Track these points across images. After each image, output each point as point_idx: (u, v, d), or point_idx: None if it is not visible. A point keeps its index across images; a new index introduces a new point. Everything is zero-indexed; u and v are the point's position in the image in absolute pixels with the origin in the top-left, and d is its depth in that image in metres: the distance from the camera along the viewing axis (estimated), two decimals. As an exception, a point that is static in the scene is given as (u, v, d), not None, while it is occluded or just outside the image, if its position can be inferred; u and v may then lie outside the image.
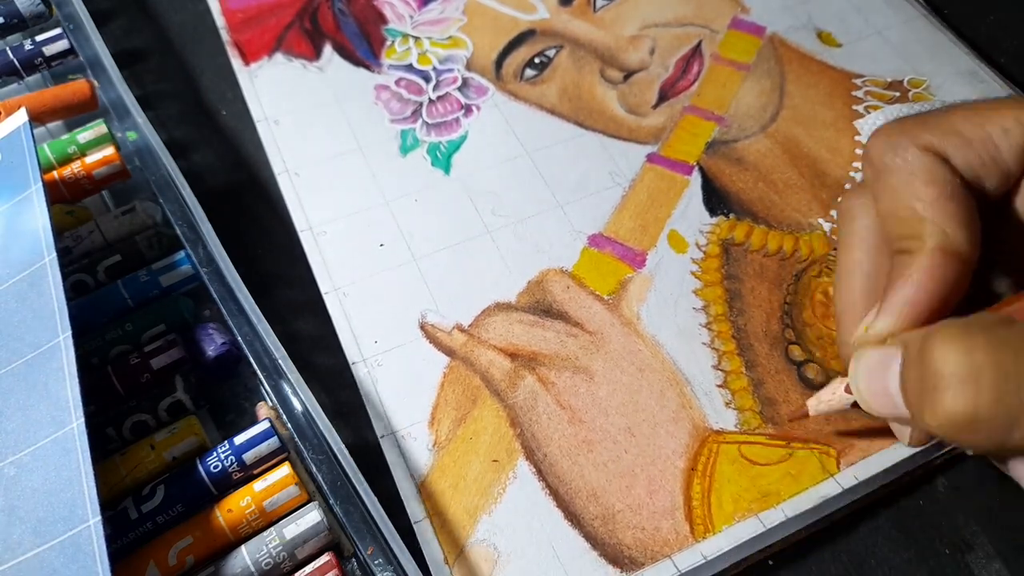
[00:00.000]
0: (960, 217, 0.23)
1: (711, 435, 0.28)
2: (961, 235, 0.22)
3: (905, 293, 0.23)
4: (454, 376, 0.30)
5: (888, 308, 0.23)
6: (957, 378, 0.19)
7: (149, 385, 0.28)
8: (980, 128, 0.23)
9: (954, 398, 0.19)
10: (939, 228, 0.22)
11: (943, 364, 0.20)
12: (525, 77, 0.38)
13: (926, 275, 0.22)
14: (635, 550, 0.26)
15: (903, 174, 0.23)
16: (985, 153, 0.23)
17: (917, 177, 0.23)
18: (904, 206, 0.23)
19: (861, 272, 0.26)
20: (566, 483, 0.27)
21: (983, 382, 0.19)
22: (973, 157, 0.23)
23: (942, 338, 0.20)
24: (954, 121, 0.24)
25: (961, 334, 0.20)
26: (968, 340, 0.20)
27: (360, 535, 0.24)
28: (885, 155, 0.24)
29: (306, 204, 0.34)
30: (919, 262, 0.23)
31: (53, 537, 0.22)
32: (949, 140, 0.23)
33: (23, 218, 0.28)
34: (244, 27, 0.40)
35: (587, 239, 0.33)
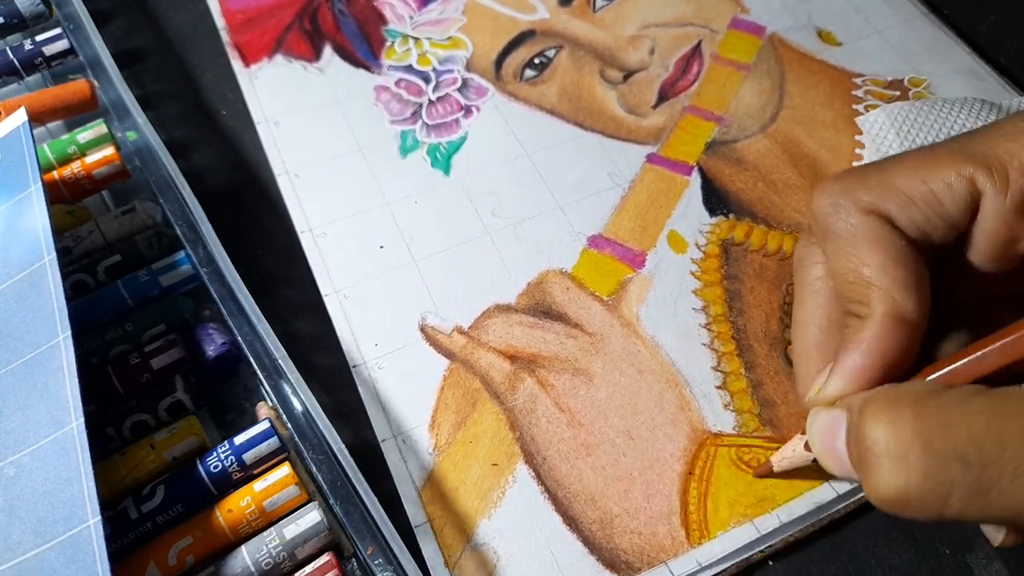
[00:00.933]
0: (907, 282, 0.22)
1: (709, 438, 0.28)
2: (909, 300, 0.22)
3: (854, 358, 0.22)
4: (454, 379, 0.30)
5: (838, 372, 0.23)
6: (886, 457, 0.19)
7: (149, 385, 0.28)
8: (922, 185, 0.23)
9: (884, 477, 0.19)
10: (887, 294, 0.22)
11: (873, 442, 0.20)
12: (525, 77, 0.38)
13: (875, 342, 0.22)
14: (632, 555, 0.26)
15: (847, 238, 0.23)
16: (929, 210, 0.23)
17: (862, 241, 0.23)
18: (851, 270, 0.23)
19: (815, 324, 0.26)
20: (565, 487, 0.27)
21: (911, 460, 0.19)
22: (918, 215, 0.23)
23: (871, 413, 0.20)
24: (895, 179, 0.23)
25: (888, 409, 0.20)
26: (894, 416, 0.20)
27: (360, 535, 0.24)
28: (829, 217, 0.24)
29: (306, 205, 0.34)
30: (868, 328, 0.22)
31: (53, 537, 0.22)
32: (891, 200, 0.23)
33: (23, 218, 0.28)
34: (244, 28, 0.40)
35: (587, 240, 0.33)
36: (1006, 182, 0.22)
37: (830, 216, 0.24)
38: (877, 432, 0.20)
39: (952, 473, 0.18)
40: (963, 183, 0.22)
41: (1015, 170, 0.22)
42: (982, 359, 0.21)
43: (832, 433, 0.22)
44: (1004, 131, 0.23)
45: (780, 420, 0.29)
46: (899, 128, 0.34)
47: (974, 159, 0.23)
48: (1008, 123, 0.23)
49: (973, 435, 0.18)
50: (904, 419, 0.19)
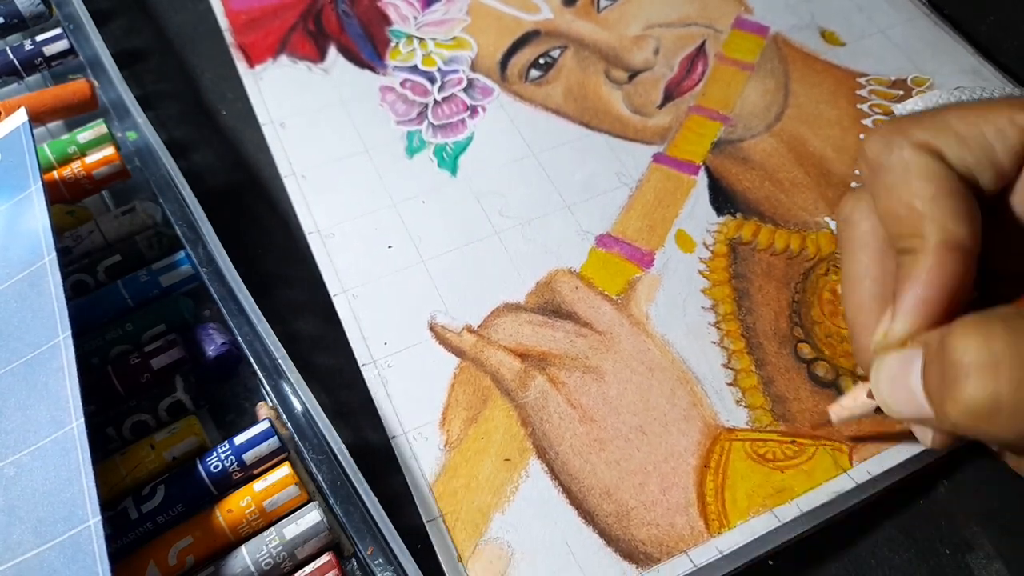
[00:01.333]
0: (960, 212, 0.23)
1: (723, 432, 0.28)
2: (962, 229, 0.22)
3: (916, 292, 0.23)
4: (464, 377, 0.29)
5: (903, 310, 0.23)
6: (976, 367, 0.20)
7: (149, 385, 0.28)
8: (975, 127, 0.23)
9: (975, 387, 0.20)
10: (940, 224, 0.22)
11: (962, 354, 0.20)
12: (530, 78, 0.38)
13: (933, 272, 0.22)
14: (650, 546, 0.26)
15: (899, 172, 0.23)
16: (980, 152, 0.23)
17: (914, 174, 0.23)
18: (903, 204, 0.23)
19: (869, 277, 0.26)
20: (579, 481, 0.27)
21: (1002, 370, 0.19)
22: (968, 155, 0.23)
23: (961, 330, 0.20)
24: (949, 120, 0.24)
25: (979, 325, 0.20)
26: (986, 330, 0.20)
27: (360, 535, 0.24)
28: (881, 154, 0.24)
29: (313, 207, 0.34)
30: (924, 260, 0.22)
31: (53, 537, 0.22)
32: (944, 138, 0.23)
33: (23, 218, 0.28)
34: (248, 29, 0.40)
35: (595, 239, 0.33)
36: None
37: (882, 152, 0.24)
38: (968, 344, 0.20)
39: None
40: (1016, 131, 0.23)
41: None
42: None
43: (904, 372, 0.22)
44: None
45: (793, 416, 0.29)
46: None
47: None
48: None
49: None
50: (995, 332, 0.20)
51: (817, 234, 0.33)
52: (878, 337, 0.24)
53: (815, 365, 0.30)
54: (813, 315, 0.31)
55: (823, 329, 0.31)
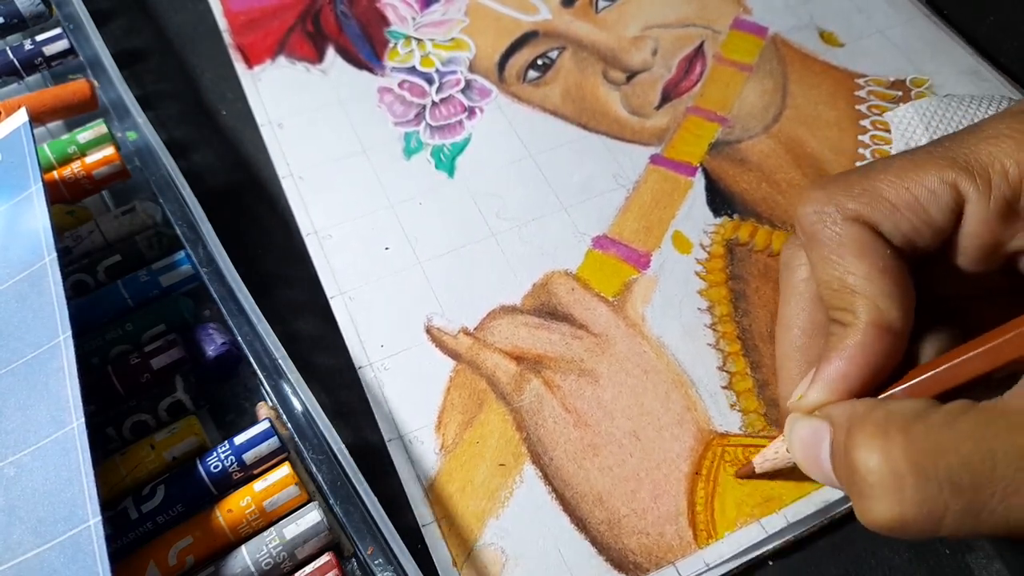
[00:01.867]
0: (892, 291, 0.22)
1: (715, 438, 0.28)
2: (894, 309, 0.22)
3: (838, 366, 0.22)
4: (460, 380, 0.30)
5: (821, 379, 0.23)
6: (879, 487, 0.19)
7: (149, 385, 0.28)
8: (907, 192, 0.23)
9: (879, 506, 0.19)
10: (871, 303, 0.22)
11: (866, 471, 0.20)
12: (528, 79, 0.38)
13: (858, 349, 0.22)
14: (640, 555, 0.26)
15: (833, 246, 0.23)
16: (915, 217, 0.23)
17: (847, 250, 0.23)
18: (836, 278, 0.23)
19: (797, 326, 0.26)
20: (572, 487, 0.27)
21: (905, 490, 0.19)
22: (903, 222, 0.23)
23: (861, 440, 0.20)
24: (880, 187, 0.23)
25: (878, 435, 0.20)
26: (885, 443, 0.19)
27: (360, 535, 0.24)
28: (815, 224, 0.23)
29: (311, 207, 0.34)
30: (852, 336, 0.22)
31: (53, 537, 0.22)
32: (877, 208, 0.23)
33: (23, 218, 0.28)
34: (246, 30, 0.40)
35: (591, 241, 0.33)
36: (988, 187, 0.22)
37: (815, 224, 0.23)
38: (869, 461, 0.20)
39: (945, 498, 0.19)
40: (946, 189, 0.22)
41: (997, 174, 0.22)
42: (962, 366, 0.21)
43: (814, 444, 0.22)
44: (985, 134, 0.23)
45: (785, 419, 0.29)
46: (927, 123, 0.34)
47: (956, 164, 0.23)
48: (988, 125, 0.23)
49: (963, 458, 0.19)
50: (895, 446, 0.19)
51: (813, 236, 0.33)
52: (794, 397, 0.24)
53: (810, 368, 0.30)
54: (809, 317, 0.31)
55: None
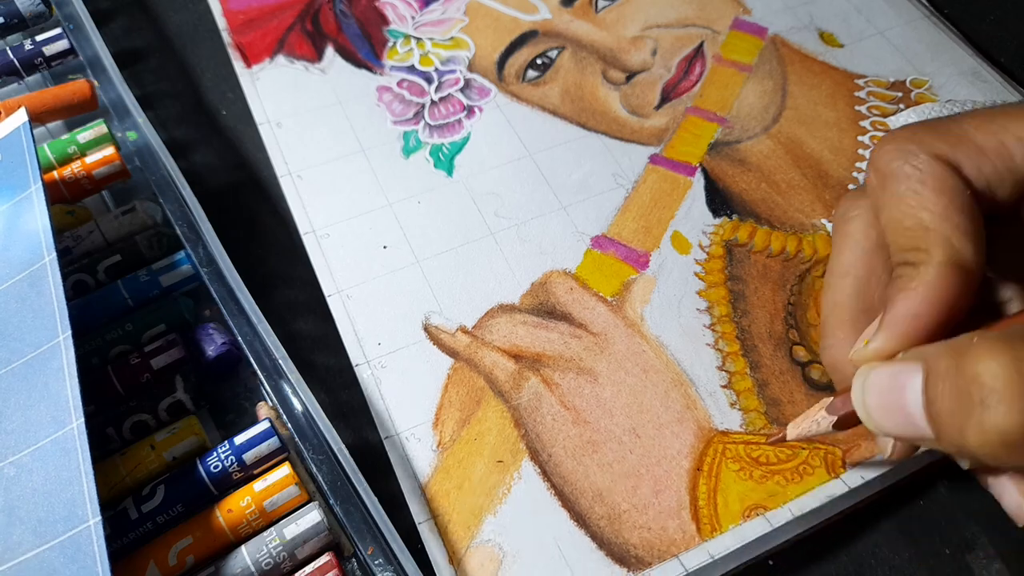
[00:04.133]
0: (969, 231, 0.22)
1: (716, 435, 0.28)
2: (969, 249, 0.22)
3: (910, 307, 0.22)
4: (458, 378, 0.30)
5: (891, 322, 0.22)
6: (1008, 392, 0.18)
7: (149, 385, 0.28)
8: (994, 136, 0.22)
9: (1007, 413, 0.18)
10: (947, 241, 0.22)
11: (991, 378, 0.19)
12: (527, 78, 0.38)
13: (933, 289, 0.21)
14: (642, 549, 0.26)
15: (912, 182, 0.22)
16: (1000, 162, 0.22)
17: (927, 186, 0.22)
18: (911, 215, 0.22)
19: (852, 275, 0.25)
20: (571, 483, 0.27)
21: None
22: (987, 166, 0.22)
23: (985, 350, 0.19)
24: (967, 129, 0.23)
25: (1005, 345, 0.19)
26: (1014, 351, 0.19)
27: (360, 535, 0.24)
28: (894, 161, 0.23)
29: (309, 207, 0.34)
30: (925, 275, 0.22)
31: (53, 537, 0.22)
32: (962, 149, 0.22)
33: (23, 218, 0.28)
34: (245, 29, 0.40)
35: (590, 240, 0.33)
36: None
37: (895, 160, 0.23)
38: (995, 365, 0.19)
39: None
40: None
41: None
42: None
43: (898, 388, 0.21)
44: None
45: (787, 419, 0.29)
46: None
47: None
48: None
49: None
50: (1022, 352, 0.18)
51: (813, 236, 0.33)
52: (859, 346, 0.23)
53: (810, 368, 0.30)
54: (809, 318, 0.31)
55: (818, 332, 0.31)
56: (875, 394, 0.22)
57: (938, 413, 0.20)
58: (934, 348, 0.21)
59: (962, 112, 0.24)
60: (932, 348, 0.21)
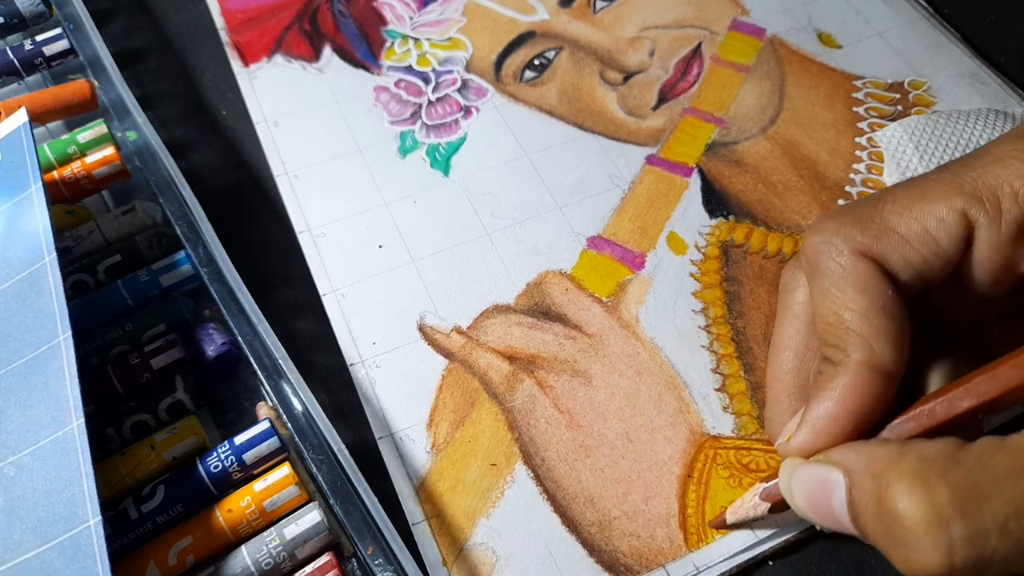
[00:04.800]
0: (889, 331, 0.22)
1: (708, 440, 0.29)
2: (888, 351, 0.22)
3: (827, 407, 0.22)
4: (452, 378, 0.30)
5: (809, 421, 0.22)
6: (928, 537, 0.19)
7: (149, 385, 0.28)
8: (917, 223, 0.22)
9: (929, 557, 0.19)
10: (865, 342, 0.22)
11: (910, 522, 0.19)
12: (524, 79, 0.38)
13: (848, 391, 0.22)
14: (630, 558, 0.26)
15: (836, 278, 0.23)
16: (925, 248, 0.22)
17: (849, 284, 0.22)
18: (832, 312, 0.23)
19: (790, 349, 0.26)
20: (563, 488, 0.28)
21: (954, 538, 0.19)
22: (914, 256, 0.22)
23: (901, 490, 0.19)
24: (889, 218, 0.23)
25: (919, 485, 0.19)
26: (928, 493, 0.19)
27: (360, 535, 0.24)
28: (820, 255, 0.23)
29: (305, 206, 0.34)
30: (843, 376, 0.22)
31: (53, 537, 0.22)
32: (886, 241, 0.23)
33: (23, 218, 0.28)
34: (243, 28, 0.40)
35: (586, 241, 0.33)
36: (999, 211, 0.22)
37: (820, 254, 0.23)
38: (914, 510, 0.19)
39: (993, 543, 0.18)
40: (956, 217, 0.22)
41: (1007, 197, 0.22)
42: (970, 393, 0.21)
43: (823, 492, 0.22)
44: (992, 157, 0.23)
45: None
46: (917, 142, 0.34)
47: (964, 190, 0.22)
48: (994, 147, 0.23)
49: (1007, 501, 0.18)
50: (939, 495, 0.19)
51: (808, 237, 0.33)
52: (782, 438, 0.24)
53: (802, 369, 0.30)
54: (802, 319, 0.31)
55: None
56: (801, 492, 0.22)
57: (865, 529, 0.21)
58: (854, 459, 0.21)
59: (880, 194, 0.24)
60: (853, 459, 0.21)
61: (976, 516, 0.18)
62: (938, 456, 0.20)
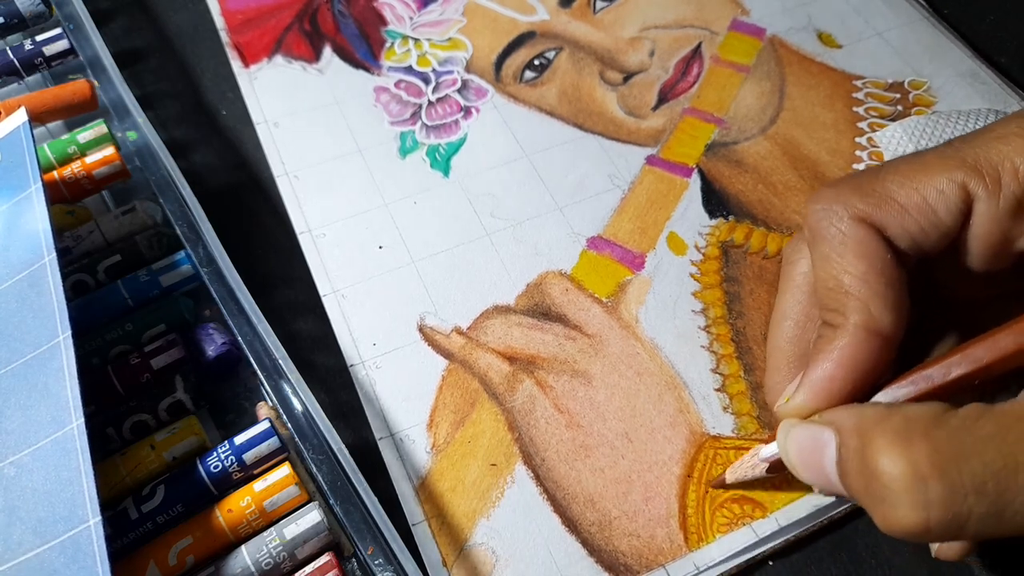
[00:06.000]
0: (887, 295, 0.22)
1: (708, 440, 0.29)
2: (886, 314, 0.22)
3: (825, 368, 0.22)
4: (453, 379, 0.30)
5: (808, 382, 0.23)
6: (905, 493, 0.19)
7: (149, 385, 0.28)
8: (916, 193, 0.23)
9: (904, 512, 0.19)
10: (864, 305, 0.22)
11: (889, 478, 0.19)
12: (525, 79, 0.38)
13: (847, 352, 0.22)
14: (630, 558, 0.26)
15: (835, 244, 0.23)
16: (923, 218, 0.23)
17: (849, 249, 0.23)
18: (832, 277, 0.23)
19: (791, 318, 0.26)
20: (563, 488, 0.28)
21: (930, 496, 0.19)
22: (911, 224, 0.23)
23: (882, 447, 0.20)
24: (889, 187, 0.23)
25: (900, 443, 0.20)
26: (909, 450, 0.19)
27: (360, 535, 0.24)
28: (820, 222, 0.24)
29: (305, 206, 0.34)
30: (841, 338, 0.22)
31: (53, 537, 0.22)
32: (886, 209, 0.23)
33: (23, 218, 0.28)
34: (244, 29, 0.40)
35: (586, 241, 0.33)
36: (998, 185, 0.22)
37: (821, 220, 0.24)
38: (893, 468, 0.19)
39: (970, 503, 0.19)
40: (955, 189, 0.23)
41: (1007, 173, 0.22)
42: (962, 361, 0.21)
43: (815, 450, 0.22)
44: (995, 134, 0.23)
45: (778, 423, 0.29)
46: (917, 142, 0.35)
47: (965, 164, 0.23)
48: (999, 126, 0.23)
49: (987, 463, 0.19)
50: (919, 452, 0.19)
51: (808, 238, 0.33)
52: (781, 400, 0.24)
53: (802, 369, 0.30)
54: (802, 319, 0.31)
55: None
56: (796, 451, 0.23)
57: (850, 486, 0.21)
58: (845, 418, 0.21)
59: (883, 165, 0.24)
60: (843, 417, 0.22)
61: (954, 476, 0.19)
62: (922, 417, 0.20)
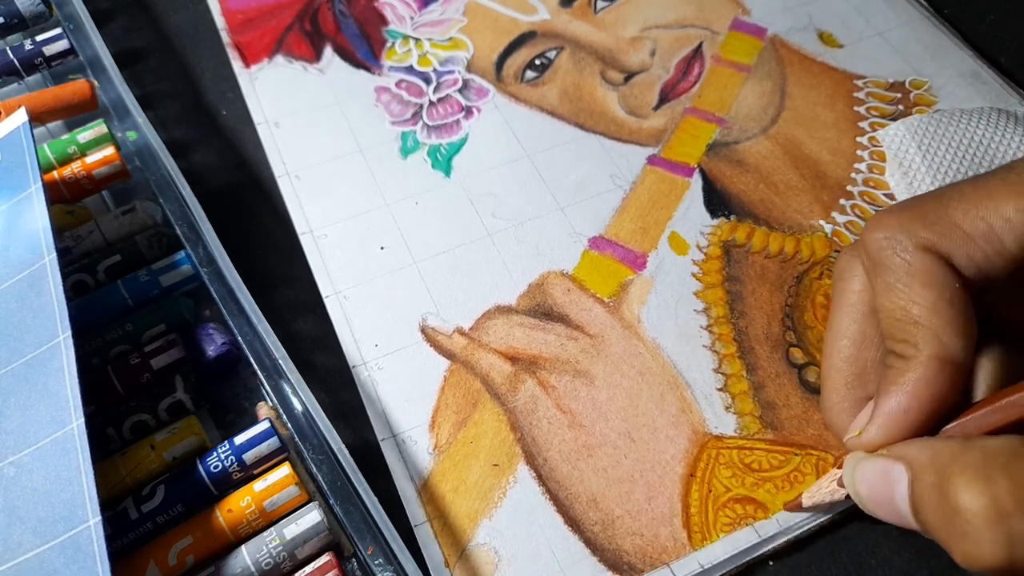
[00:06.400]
0: (957, 324, 0.22)
1: (711, 440, 0.28)
2: (957, 343, 0.22)
3: (899, 401, 0.22)
4: (455, 379, 0.30)
5: (881, 415, 0.23)
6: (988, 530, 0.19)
7: (149, 385, 0.28)
8: (982, 221, 0.23)
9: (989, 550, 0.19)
10: (935, 335, 0.22)
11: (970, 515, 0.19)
12: (526, 79, 0.38)
13: (921, 384, 0.22)
14: (634, 556, 0.26)
15: (901, 274, 0.23)
16: (989, 247, 0.23)
17: (916, 279, 0.23)
18: (900, 307, 0.23)
19: (848, 337, 0.26)
20: (566, 488, 0.27)
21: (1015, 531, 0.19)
22: (977, 253, 0.23)
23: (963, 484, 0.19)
24: (954, 215, 0.23)
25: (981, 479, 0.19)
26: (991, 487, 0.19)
27: (360, 535, 0.24)
28: (884, 251, 0.23)
29: (306, 207, 0.34)
30: (914, 370, 0.22)
31: (53, 537, 0.22)
32: (951, 237, 0.23)
33: (23, 218, 0.28)
34: (244, 28, 0.40)
35: (588, 241, 0.33)
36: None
37: (885, 250, 0.23)
38: (974, 504, 0.19)
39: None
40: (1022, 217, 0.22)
41: None
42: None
43: (886, 485, 0.22)
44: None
45: (781, 423, 0.29)
46: (920, 141, 0.34)
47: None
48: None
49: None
50: (1000, 489, 0.19)
51: (811, 237, 0.33)
52: (852, 433, 0.24)
53: (806, 370, 0.30)
54: (806, 319, 0.31)
55: (815, 334, 0.31)
56: (865, 486, 0.23)
57: (926, 523, 0.21)
58: (918, 453, 0.21)
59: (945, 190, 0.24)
60: (916, 453, 0.21)
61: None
62: (1002, 451, 0.20)
